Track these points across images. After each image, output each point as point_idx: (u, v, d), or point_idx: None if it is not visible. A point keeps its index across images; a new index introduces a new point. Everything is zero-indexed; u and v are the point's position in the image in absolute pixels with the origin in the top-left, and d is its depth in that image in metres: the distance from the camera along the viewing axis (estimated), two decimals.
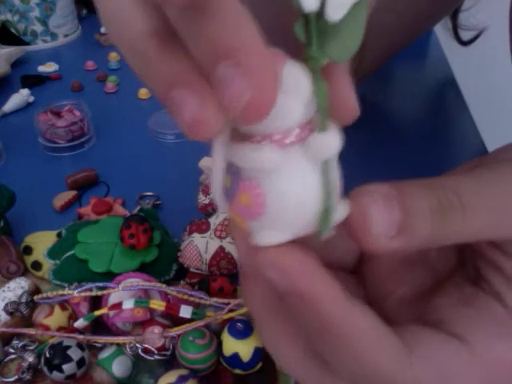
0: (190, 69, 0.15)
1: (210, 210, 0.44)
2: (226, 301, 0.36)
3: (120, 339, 0.35)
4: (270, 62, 0.14)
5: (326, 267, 0.17)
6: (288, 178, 0.15)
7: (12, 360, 0.35)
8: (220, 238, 0.41)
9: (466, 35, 0.68)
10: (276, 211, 0.15)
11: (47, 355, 0.33)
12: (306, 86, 0.15)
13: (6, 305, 0.36)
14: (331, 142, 0.15)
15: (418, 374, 0.17)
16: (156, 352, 0.34)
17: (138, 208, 0.49)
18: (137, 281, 0.37)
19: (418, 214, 0.17)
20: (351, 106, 0.16)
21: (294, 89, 0.15)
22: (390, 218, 0.17)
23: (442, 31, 0.75)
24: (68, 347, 0.33)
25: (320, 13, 0.14)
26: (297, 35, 0.14)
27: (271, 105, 0.14)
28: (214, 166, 0.16)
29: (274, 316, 0.19)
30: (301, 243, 0.16)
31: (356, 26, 0.14)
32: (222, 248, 0.41)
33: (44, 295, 0.37)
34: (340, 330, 0.16)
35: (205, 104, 0.14)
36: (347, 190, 0.17)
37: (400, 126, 0.64)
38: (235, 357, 0.33)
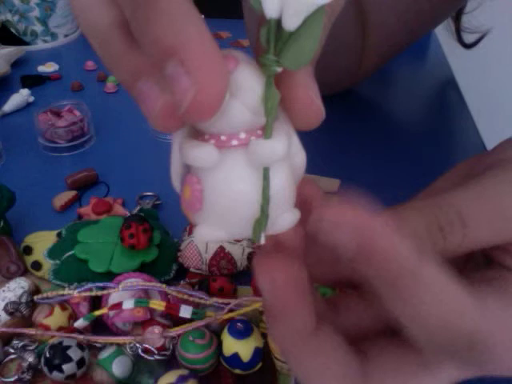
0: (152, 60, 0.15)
1: None
2: (225, 301, 0.36)
3: (120, 339, 0.35)
4: (216, 62, 0.14)
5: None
6: (224, 179, 0.15)
7: (12, 360, 0.35)
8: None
9: (468, 38, 0.68)
10: (211, 208, 0.16)
11: (47, 355, 0.33)
12: (253, 91, 0.15)
13: (6, 305, 0.36)
14: (272, 149, 0.15)
15: (491, 320, 0.17)
16: (156, 352, 0.34)
17: (138, 208, 0.49)
18: (137, 281, 0.37)
19: (416, 238, 0.17)
20: (313, 108, 0.16)
21: (241, 93, 0.15)
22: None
23: (442, 31, 0.75)
24: (68, 347, 0.33)
25: (280, 21, 0.14)
26: (260, 40, 0.14)
27: (214, 106, 0.14)
28: (172, 159, 0.17)
29: (309, 347, 0.19)
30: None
31: (311, 35, 0.14)
32: (222, 248, 0.41)
33: (44, 295, 0.37)
34: (416, 280, 0.16)
35: (167, 97, 0.14)
36: (348, 189, 0.17)
37: (400, 126, 0.64)
38: (235, 357, 0.33)
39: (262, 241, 0.16)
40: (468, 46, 0.69)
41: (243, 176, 0.15)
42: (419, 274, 0.16)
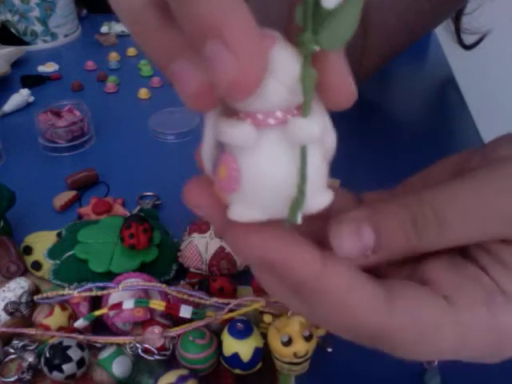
0: (188, 40, 0.15)
1: None
2: (225, 301, 0.36)
3: (120, 339, 0.35)
4: (257, 42, 0.14)
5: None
6: (262, 158, 0.15)
7: (12, 360, 0.35)
8: (220, 238, 0.41)
9: (468, 39, 0.68)
10: (249, 189, 0.16)
11: (47, 355, 0.33)
12: (290, 70, 0.15)
13: (6, 305, 0.36)
14: (310, 128, 0.15)
15: (398, 320, 0.18)
16: (156, 352, 0.34)
17: (138, 208, 0.49)
18: (137, 281, 0.37)
19: (391, 233, 0.18)
20: (346, 90, 0.16)
21: (279, 72, 0.15)
22: (360, 243, 0.18)
23: (441, 31, 0.75)
24: (68, 347, 0.33)
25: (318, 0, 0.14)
26: (296, 19, 0.14)
27: (255, 85, 0.14)
28: (204, 139, 0.17)
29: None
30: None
31: (349, 15, 0.14)
32: (222, 248, 0.41)
33: (44, 295, 0.37)
34: (315, 288, 0.17)
35: (202, 77, 0.14)
36: (348, 188, 0.18)
37: (400, 126, 0.64)
38: (235, 357, 0.33)
39: (299, 220, 0.16)
40: (468, 48, 0.69)
41: (281, 155, 0.15)
42: (320, 280, 0.17)
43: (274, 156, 0.15)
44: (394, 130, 0.62)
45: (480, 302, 0.19)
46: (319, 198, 0.16)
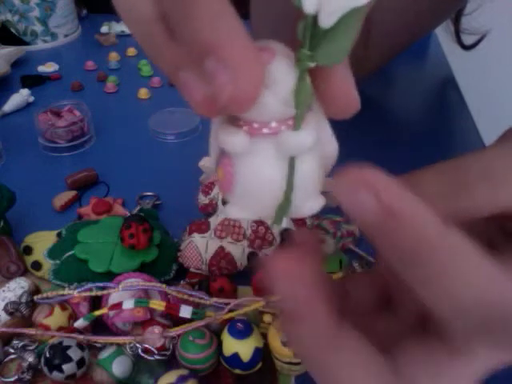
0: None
1: (210, 210, 0.44)
2: (226, 301, 0.36)
3: (120, 339, 0.35)
4: (253, 58, 0.14)
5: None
6: (253, 164, 0.16)
7: (12, 360, 0.35)
8: (220, 238, 0.41)
9: (468, 39, 0.68)
10: (241, 191, 0.17)
11: (47, 355, 0.33)
12: (287, 84, 0.15)
13: (6, 305, 0.36)
14: (299, 140, 0.16)
15: None
16: (156, 352, 0.34)
17: (138, 208, 0.49)
18: (137, 281, 0.37)
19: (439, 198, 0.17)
20: (349, 99, 0.16)
21: (276, 85, 0.15)
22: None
23: (442, 32, 0.75)
24: (68, 347, 0.33)
25: (317, 17, 0.14)
26: (298, 34, 0.15)
27: (251, 100, 0.15)
28: (210, 141, 0.18)
29: (335, 348, 0.18)
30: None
31: (346, 34, 0.15)
32: (222, 248, 0.41)
33: (44, 295, 0.37)
34: (442, 250, 0.16)
35: (206, 88, 0.15)
36: None
37: (400, 126, 0.64)
38: (235, 357, 0.33)
39: (284, 224, 0.17)
40: (467, 48, 0.69)
41: (271, 163, 0.16)
42: (444, 242, 0.15)
43: (264, 163, 0.16)
44: (394, 130, 0.62)
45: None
46: (309, 203, 0.17)
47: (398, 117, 0.67)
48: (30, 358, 0.34)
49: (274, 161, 0.16)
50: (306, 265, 0.17)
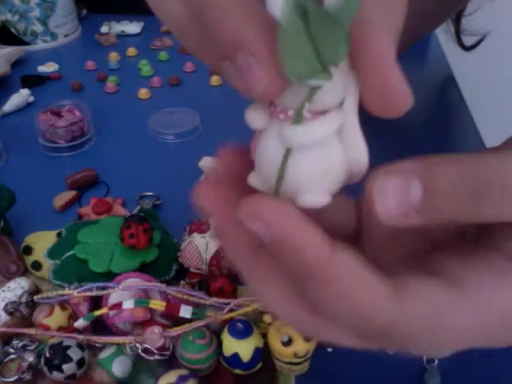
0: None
1: None
2: (226, 301, 0.36)
3: (120, 339, 0.35)
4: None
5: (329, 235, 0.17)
6: (263, 141, 0.18)
7: (12, 360, 0.35)
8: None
9: (468, 40, 0.68)
10: (256, 162, 0.18)
11: (47, 355, 0.33)
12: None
13: (6, 305, 0.36)
14: (292, 135, 0.17)
15: (409, 313, 0.17)
16: (156, 352, 0.34)
17: (138, 208, 0.49)
18: (137, 281, 0.37)
19: (443, 194, 0.16)
20: (401, 94, 0.16)
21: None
22: (406, 199, 0.16)
23: (442, 32, 0.75)
24: (68, 347, 0.33)
25: None
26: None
27: (279, 89, 0.16)
28: None
29: (257, 263, 0.20)
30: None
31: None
32: (222, 248, 0.40)
33: (44, 295, 0.37)
34: (324, 273, 0.16)
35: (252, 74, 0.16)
36: (348, 189, 0.18)
37: (400, 126, 0.64)
38: (235, 357, 0.33)
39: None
40: (467, 49, 0.69)
41: (274, 146, 0.17)
42: (328, 265, 0.16)
43: (270, 144, 0.17)
44: (394, 130, 0.62)
45: (494, 284, 0.18)
46: (303, 197, 0.17)
47: (398, 117, 0.67)
48: (30, 358, 0.34)
49: (276, 145, 0.17)
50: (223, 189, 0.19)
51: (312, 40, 0.15)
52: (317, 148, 0.17)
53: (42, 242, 0.43)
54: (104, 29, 0.88)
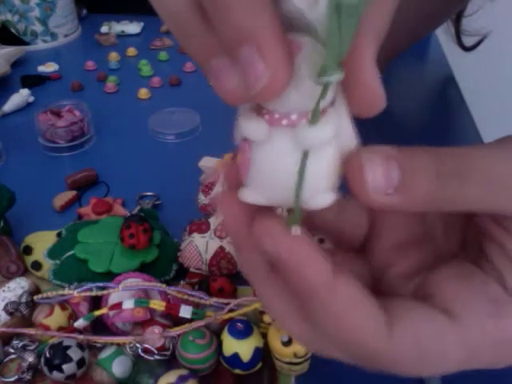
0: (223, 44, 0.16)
1: (209, 210, 0.44)
2: (225, 301, 0.36)
3: (120, 339, 0.35)
4: (285, 50, 0.15)
5: (337, 246, 0.18)
6: (269, 152, 0.17)
7: (12, 360, 0.35)
8: (220, 237, 0.41)
9: (468, 41, 0.68)
10: (255, 176, 0.17)
11: (47, 355, 0.33)
12: (309, 78, 0.15)
13: (6, 305, 0.36)
14: (314, 135, 0.16)
15: (398, 344, 0.18)
16: (156, 352, 0.34)
17: (138, 208, 0.49)
18: (137, 281, 0.37)
19: (415, 175, 0.18)
20: (375, 96, 0.17)
21: (299, 78, 0.16)
22: (387, 175, 0.17)
23: (442, 32, 0.75)
24: (68, 347, 0.33)
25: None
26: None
27: (280, 89, 0.15)
28: (235, 126, 0.19)
29: (266, 278, 0.20)
30: (306, 216, 0.18)
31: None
32: (221, 248, 0.41)
33: (44, 295, 0.37)
34: (321, 296, 0.17)
35: (236, 78, 0.16)
36: (347, 189, 0.18)
37: (400, 126, 0.64)
38: (235, 357, 0.33)
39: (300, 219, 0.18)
40: (468, 49, 0.69)
41: (285, 153, 0.17)
42: (327, 291, 0.17)
43: (279, 153, 0.17)
44: (394, 130, 0.62)
45: (485, 314, 0.18)
46: (320, 196, 0.17)
47: (398, 117, 0.67)
48: (30, 358, 0.34)
49: (289, 152, 0.17)
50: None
51: (337, 34, 0.14)
52: (327, 146, 0.17)
53: (41, 241, 0.43)
54: (104, 29, 0.88)
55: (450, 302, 0.19)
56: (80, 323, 0.35)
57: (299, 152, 0.17)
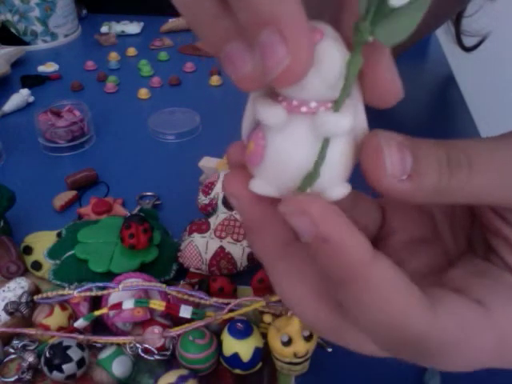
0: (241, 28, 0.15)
1: (209, 210, 0.44)
2: (225, 301, 0.36)
3: (120, 339, 0.35)
4: (308, 35, 0.14)
5: None
6: (286, 140, 0.16)
7: (12, 360, 0.35)
8: (220, 238, 0.41)
9: (468, 41, 0.68)
10: (269, 165, 0.17)
11: (47, 355, 0.33)
12: (333, 66, 0.15)
13: (6, 305, 0.36)
14: (337, 123, 0.16)
15: (444, 328, 0.17)
16: (156, 352, 0.34)
17: (138, 208, 0.49)
18: (137, 281, 0.37)
19: (426, 163, 0.17)
20: (393, 87, 0.17)
21: (321, 66, 0.15)
22: (402, 161, 0.17)
23: (442, 33, 0.75)
24: (68, 347, 0.33)
25: None
26: (359, 7, 0.15)
27: (301, 75, 0.15)
28: (245, 113, 0.18)
29: (285, 258, 0.20)
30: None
31: (412, 17, 0.15)
32: (222, 248, 0.41)
33: (44, 295, 0.37)
34: (364, 278, 0.16)
35: (253, 62, 0.15)
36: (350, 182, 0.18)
37: (400, 126, 0.64)
38: (235, 357, 0.33)
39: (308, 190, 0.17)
40: (468, 50, 0.69)
41: (303, 142, 0.16)
42: (369, 270, 0.16)
43: (296, 141, 0.16)
44: (394, 130, 0.62)
45: (509, 300, 0.18)
46: (337, 187, 0.17)
47: (398, 117, 0.67)
48: (30, 358, 0.34)
49: (307, 140, 0.16)
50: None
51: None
52: (346, 135, 0.17)
53: (41, 241, 0.43)
54: (104, 29, 0.88)
55: (477, 292, 0.19)
56: (80, 323, 0.35)
57: (317, 141, 0.16)
